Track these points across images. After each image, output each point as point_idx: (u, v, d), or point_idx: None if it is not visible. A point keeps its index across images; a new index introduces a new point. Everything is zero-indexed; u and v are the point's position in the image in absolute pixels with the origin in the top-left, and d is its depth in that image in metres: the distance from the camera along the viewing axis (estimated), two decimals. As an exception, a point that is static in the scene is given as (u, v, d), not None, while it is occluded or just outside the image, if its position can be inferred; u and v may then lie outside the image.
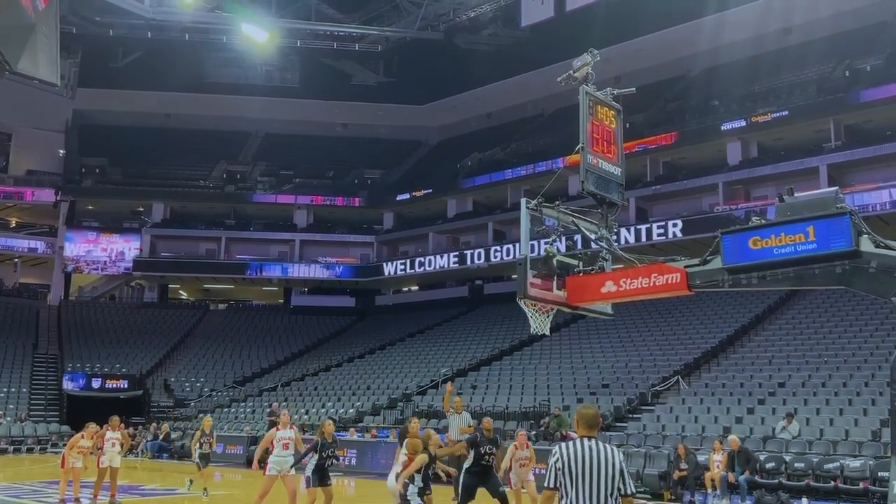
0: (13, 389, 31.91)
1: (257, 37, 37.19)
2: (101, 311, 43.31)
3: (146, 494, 15.02)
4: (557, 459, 4.74)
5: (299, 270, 43.17)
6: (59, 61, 14.54)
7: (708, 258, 7.66)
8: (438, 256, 39.53)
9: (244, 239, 44.97)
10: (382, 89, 48.56)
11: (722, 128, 32.75)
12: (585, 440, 4.78)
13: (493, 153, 41.88)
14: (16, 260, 45.83)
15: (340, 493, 14.00)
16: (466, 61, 43.78)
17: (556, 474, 4.73)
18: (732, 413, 18.66)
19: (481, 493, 10.38)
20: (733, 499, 14.52)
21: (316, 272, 43.31)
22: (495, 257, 36.57)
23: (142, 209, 45.48)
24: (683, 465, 15.62)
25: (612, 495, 4.65)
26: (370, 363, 33.63)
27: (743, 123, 32.22)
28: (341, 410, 26.58)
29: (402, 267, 40.98)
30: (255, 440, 24.46)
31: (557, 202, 8.20)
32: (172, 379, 35.74)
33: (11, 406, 30.37)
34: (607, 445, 4.80)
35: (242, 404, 31.10)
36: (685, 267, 7.72)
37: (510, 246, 35.90)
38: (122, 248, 43.38)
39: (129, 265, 43.07)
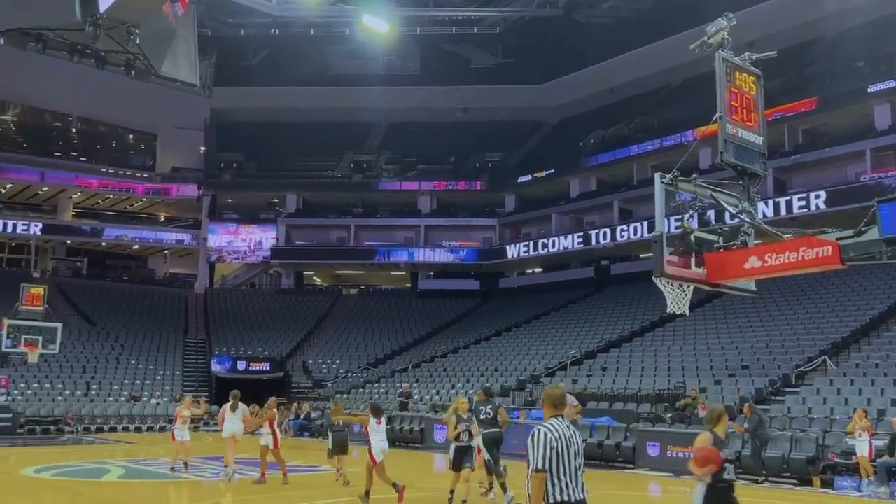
0: (167, 372, 34.41)
1: (378, 27, 37.88)
2: (243, 298, 45.89)
3: (291, 471, 15.82)
4: (552, 438, 4.64)
5: (425, 255, 44.01)
6: (197, 63, 15.39)
7: (863, 229, 7.12)
8: (562, 237, 39.10)
9: (372, 226, 46.32)
10: (501, 71, 48.34)
11: (868, 90, 30.39)
12: (561, 419, 4.81)
13: (616, 129, 40.82)
14: (165, 252, 49.31)
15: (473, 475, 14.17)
16: (586, 36, 42.77)
17: (550, 454, 4.61)
18: (887, 395, 17.46)
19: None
20: (892, 485, 13.58)
21: (441, 256, 44.02)
22: (622, 236, 35.73)
23: (276, 200, 47.70)
24: (746, 424, 15.35)
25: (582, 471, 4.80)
26: (496, 345, 33.81)
27: (893, 84, 29.73)
28: (470, 392, 26.86)
29: (526, 249, 40.85)
30: (389, 420, 25.21)
31: (694, 176, 7.88)
32: (310, 361, 37.38)
33: (167, 387, 32.77)
34: (571, 424, 4.90)
35: (376, 385, 32.13)
36: (837, 239, 7.23)
37: (637, 224, 34.97)
38: (260, 238, 45.74)
39: (267, 254, 45.35)
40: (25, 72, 39.50)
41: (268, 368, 35.37)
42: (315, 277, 51.60)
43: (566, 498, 4.62)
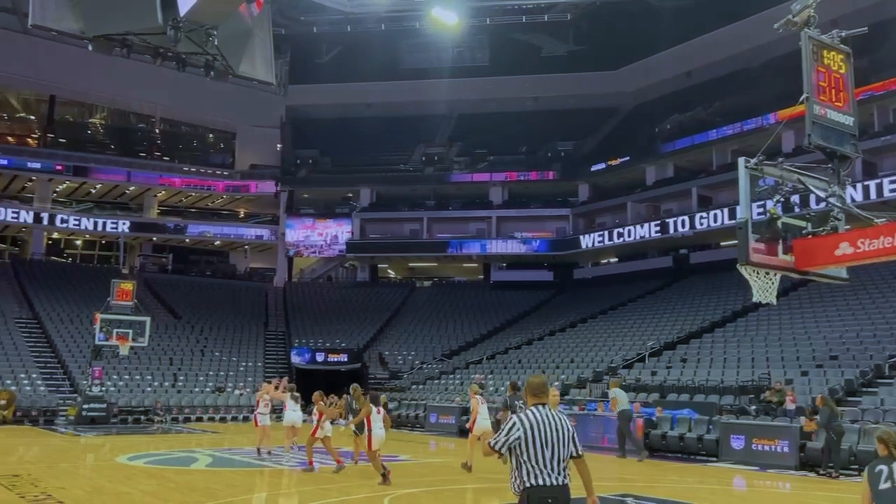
0: (249, 364, 35.43)
1: (447, 20, 37.89)
2: (321, 291, 46.82)
3: (366, 460, 16.04)
4: (518, 429, 4.86)
5: (497, 246, 43.90)
6: (273, 62, 15.72)
7: (966, 211, 6.72)
8: (638, 226, 38.33)
9: (444, 218, 46.51)
10: (573, 58, 47.65)
11: (967, 64, 28.67)
12: (540, 407, 5.00)
13: (694, 114, 39.71)
14: (245, 247, 50.76)
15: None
16: (661, 19, 41.71)
17: (506, 445, 4.88)
18: None
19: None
20: None
21: (513, 247, 43.84)
22: (701, 224, 34.79)
23: (351, 195, 48.46)
24: (817, 418, 14.36)
25: (566, 458, 4.95)
26: (572, 336, 33.47)
27: None
28: (555, 384, 26.73)
29: (600, 239, 40.25)
30: (465, 410, 25.32)
31: (781, 159, 7.58)
32: (386, 352, 37.85)
33: (250, 378, 33.72)
34: (557, 412, 5.08)
35: (451, 376, 32.29)
36: (938, 223, 6.83)
37: (717, 211, 34.00)
38: (336, 232, 46.56)
39: (343, 248, 46.13)
40: (112, 76, 41.37)
41: (345, 360, 36.01)
42: (389, 270, 52.20)
43: (537, 482, 4.83)
